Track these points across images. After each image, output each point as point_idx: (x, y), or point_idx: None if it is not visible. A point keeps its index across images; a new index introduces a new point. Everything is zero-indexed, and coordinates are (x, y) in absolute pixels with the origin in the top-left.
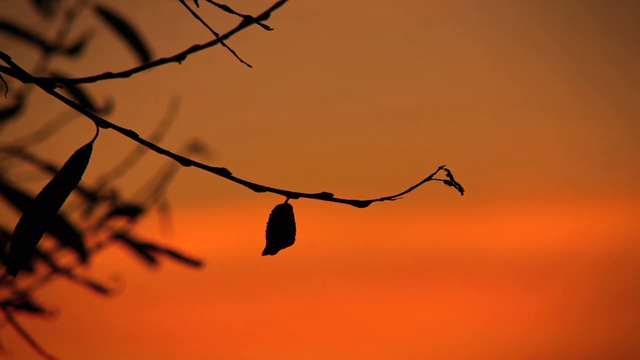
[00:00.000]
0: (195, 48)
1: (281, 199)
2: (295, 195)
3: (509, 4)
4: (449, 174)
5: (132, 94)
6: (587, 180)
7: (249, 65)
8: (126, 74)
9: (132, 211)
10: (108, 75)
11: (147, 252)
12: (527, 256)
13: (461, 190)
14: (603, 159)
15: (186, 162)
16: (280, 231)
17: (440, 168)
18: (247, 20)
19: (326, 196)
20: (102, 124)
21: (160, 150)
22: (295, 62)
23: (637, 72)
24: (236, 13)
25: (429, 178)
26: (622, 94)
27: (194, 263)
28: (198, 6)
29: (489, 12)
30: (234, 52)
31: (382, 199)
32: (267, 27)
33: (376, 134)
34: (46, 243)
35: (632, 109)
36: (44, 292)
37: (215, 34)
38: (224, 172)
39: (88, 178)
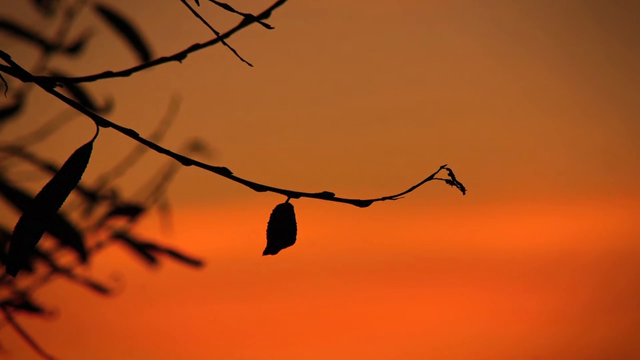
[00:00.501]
0: (196, 47)
1: (282, 199)
2: (296, 195)
3: (509, 3)
4: (451, 174)
5: (132, 93)
6: (587, 180)
7: (250, 64)
8: (126, 73)
9: (132, 211)
10: (108, 74)
11: (147, 252)
12: (527, 256)
13: (463, 189)
14: (603, 159)
15: (187, 162)
16: (281, 231)
17: (441, 167)
18: (248, 19)
19: (327, 196)
20: (102, 123)
21: (161, 150)
22: (296, 61)
23: (637, 72)
24: (237, 12)
25: (431, 177)
26: (622, 94)
27: (194, 263)
28: (199, 5)
29: (490, 11)
30: (234, 51)
31: (383, 199)
32: (267, 26)
33: (377, 133)
34: (46, 243)
35: (632, 109)
36: (44, 292)
37: (216, 33)
38: (224, 172)
39: (88, 177)
